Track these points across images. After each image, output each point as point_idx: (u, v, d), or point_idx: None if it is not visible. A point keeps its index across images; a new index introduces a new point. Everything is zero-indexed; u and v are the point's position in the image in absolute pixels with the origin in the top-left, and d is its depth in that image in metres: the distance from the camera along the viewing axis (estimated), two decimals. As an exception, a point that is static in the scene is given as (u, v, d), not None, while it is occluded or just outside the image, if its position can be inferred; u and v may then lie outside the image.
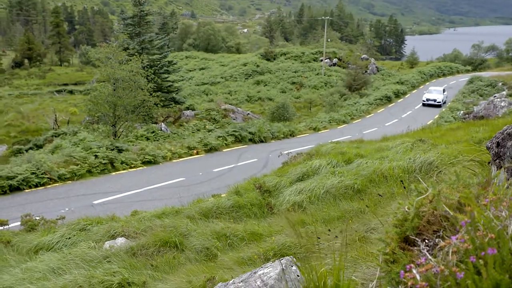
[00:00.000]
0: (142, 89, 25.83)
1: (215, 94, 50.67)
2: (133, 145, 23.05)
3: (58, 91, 62.46)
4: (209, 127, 31.95)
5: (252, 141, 26.87)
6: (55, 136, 26.65)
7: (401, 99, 47.91)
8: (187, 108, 37.11)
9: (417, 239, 2.01)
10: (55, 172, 16.96)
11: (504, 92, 35.55)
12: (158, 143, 24.70)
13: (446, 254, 1.69)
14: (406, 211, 2.12)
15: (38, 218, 11.05)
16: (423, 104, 43.07)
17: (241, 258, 5.99)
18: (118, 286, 6.02)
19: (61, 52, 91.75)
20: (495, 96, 21.44)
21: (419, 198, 2.11)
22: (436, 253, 1.79)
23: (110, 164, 19.12)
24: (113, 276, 6.18)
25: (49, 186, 16.54)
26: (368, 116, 40.26)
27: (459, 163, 6.70)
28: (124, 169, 19.32)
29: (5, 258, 8.33)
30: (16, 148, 26.41)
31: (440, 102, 42.30)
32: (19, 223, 11.13)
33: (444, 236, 1.92)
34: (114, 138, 24.22)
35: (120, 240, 8.03)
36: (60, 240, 9.09)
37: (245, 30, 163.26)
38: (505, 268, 1.54)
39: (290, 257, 2.78)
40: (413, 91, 51.90)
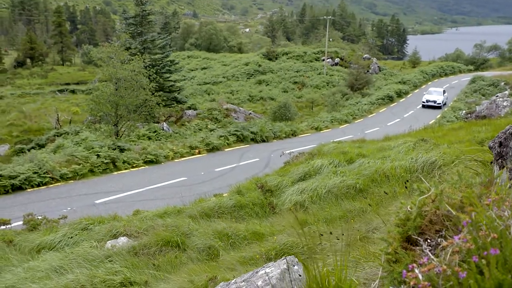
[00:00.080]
0: (144, 88, 25.85)
1: (217, 94, 50.64)
2: (135, 144, 23.09)
3: (60, 91, 62.54)
4: (211, 126, 31.96)
5: (254, 140, 26.86)
6: (57, 136, 26.68)
7: (403, 99, 47.83)
8: (189, 108, 37.13)
9: (419, 238, 2.01)
10: (57, 172, 16.98)
11: (506, 92, 35.41)
12: (160, 142, 24.72)
13: (449, 254, 1.69)
14: (409, 210, 2.12)
15: (40, 217, 11.07)
16: (423, 106, 42.08)
17: (243, 257, 5.99)
18: (120, 285, 6.02)
19: (63, 51, 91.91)
20: (497, 96, 21.39)
21: (422, 197, 2.11)
22: (438, 252, 1.78)
23: (112, 164, 19.14)
24: (115, 276, 6.19)
25: (51, 185, 16.56)
26: (370, 115, 40.21)
27: (462, 162, 6.68)
28: (126, 169, 19.34)
29: (8, 257, 8.34)
30: (18, 148, 26.45)
31: (440, 104, 41.25)
32: (21, 222, 11.15)
33: (447, 236, 1.92)
34: (116, 138, 24.24)
35: (122, 240, 8.04)
36: (62, 240, 9.11)
37: (247, 30, 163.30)
38: (508, 268, 1.53)
39: (292, 257, 2.78)
40: (415, 91, 51.81)
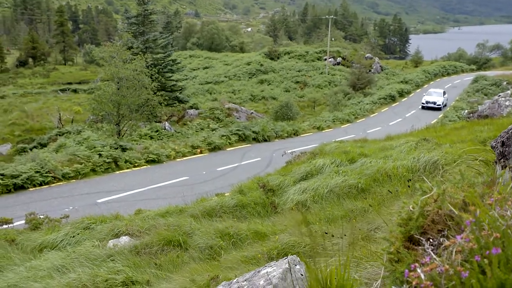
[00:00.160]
0: (146, 88, 25.88)
1: (219, 93, 50.62)
2: (137, 144, 23.12)
3: (62, 90, 62.61)
4: (212, 126, 31.98)
5: (256, 140, 26.87)
6: (59, 135, 26.73)
7: (405, 98, 47.77)
8: (191, 107, 37.16)
9: (421, 238, 2.00)
10: (59, 171, 17.01)
11: (508, 91, 35.26)
12: (162, 142, 24.76)
13: (451, 253, 1.68)
14: (411, 210, 2.11)
15: (42, 216, 11.10)
16: (422, 107, 40.77)
17: (245, 257, 5.99)
18: (122, 284, 6.03)
19: (65, 51, 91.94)
20: (499, 95, 21.34)
21: (424, 197, 2.11)
22: (440, 252, 1.78)
23: (114, 163, 19.16)
24: (117, 275, 6.20)
25: (53, 184, 16.59)
26: (372, 115, 40.18)
27: (464, 162, 6.67)
28: (128, 168, 19.37)
29: (10, 256, 8.36)
30: (21, 147, 26.51)
31: (440, 105, 40.05)
32: (23, 221, 11.19)
33: (449, 236, 1.91)
34: (118, 137, 24.27)
35: (124, 239, 8.05)
36: (64, 239, 9.12)
37: (249, 29, 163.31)
38: (510, 267, 1.53)
39: (294, 256, 2.78)
40: (417, 90, 51.73)
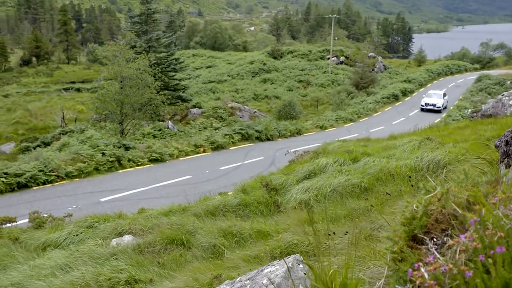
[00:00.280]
0: (149, 87, 25.92)
1: (222, 92, 50.67)
2: (140, 143, 23.15)
3: (66, 89, 62.72)
4: (215, 125, 32.00)
5: (259, 139, 26.86)
6: (63, 134, 26.80)
7: (409, 98, 47.69)
8: (194, 106, 37.21)
9: (425, 237, 2.00)
10: (63, 170, 17.05)
11: (512, 91, 35.22)
12: (165, 141, 24.79)
13: (455, 252, 1.68)
14: (414, 209, 2.11)
15: (45, 215, 11.12)
16: (421, 109, 39.63)
17: (248, 256, 5.98)
18: (125, 283, 6.04)
19: (68, 50, 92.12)
20: (503, 95, 21.24)
21: (428, 196, 2.10)
22: (444, 251, 1.78)
23: (117, 162, 19.20)
24: (120, 273, 6.21)
25: (57, 183, 16.63)
26: (375, 114, 40.12)
27: (467, 161, 6.66)
28: (131, 167, 19.40)
29: (13, 255, 8.38)
30: (24, 146, 26.58)
31: (440, 107, 39.02)
32: (27, 220, 11.22)
33: (453, 235, 1.91)
34: (121, 136, 24.32)
35: (127, 238, 8.06)
36: (68, 237, 9.14)
37: (252, 28, 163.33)
38: (515, 267, 1.52)
39: (297, 255, 2.78)
40: (421, 89, 51.64)
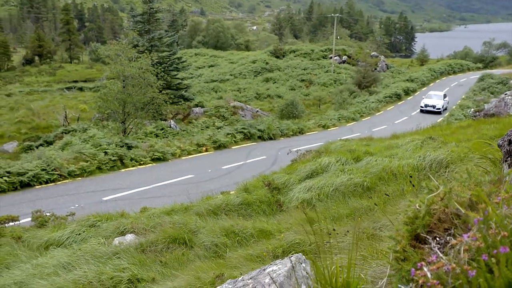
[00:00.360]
0: (151, 86, 25.93)
1: (224, 91, 50.63)
2: (142, 142, 23.17)
3: (68, 88, 62.76)
4: (218, 124, 32.00)
5: (261, 138, 26.87)
6: (65, 133, 26.84)
7: (411, 97, 47.63)
8: (196, 105, 37.21)
9: (428, 237, 2.00)
10: (65, 169, 17.08)
11: (515, 90, 35.13)
12: (167, 140, 24.81)
13: (458, 252, 1.67)
14: (417, 208, 2.10)
15: (48, 214, 11.15)
16: (421, 111, 38.84)
17: (250, 255, 5.99)
18: (128, 282, 6.05)
19: (71, 49, 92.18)
20: (506, 94, 21.20)
21: (430, 195, 2.10)
22: (447, 251, 1.77)
23: (120, 161, 19.22)
24: (123, 272, 6.22)
25: (59, 182, 16.66)
26: (377, 113, 40.08)
27: (470, 161, 6.64)
28: (133, 166, 19.43)
29: (16, 253, 8.41)
30: (27, 145, 26.64)
31: (440, 109, 38.20)
32: (29, 219, 11.24)
33: (456, 234, 1.90)
34: (123, 135, 24.34)
35: (130, 237, 8.07)
36: (70, 236, 9.16)
37: (254, 28, 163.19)
38: (518, 266, 1.52)
39: (300, 254, 2.78)
40: (423, 89, 51.57)
